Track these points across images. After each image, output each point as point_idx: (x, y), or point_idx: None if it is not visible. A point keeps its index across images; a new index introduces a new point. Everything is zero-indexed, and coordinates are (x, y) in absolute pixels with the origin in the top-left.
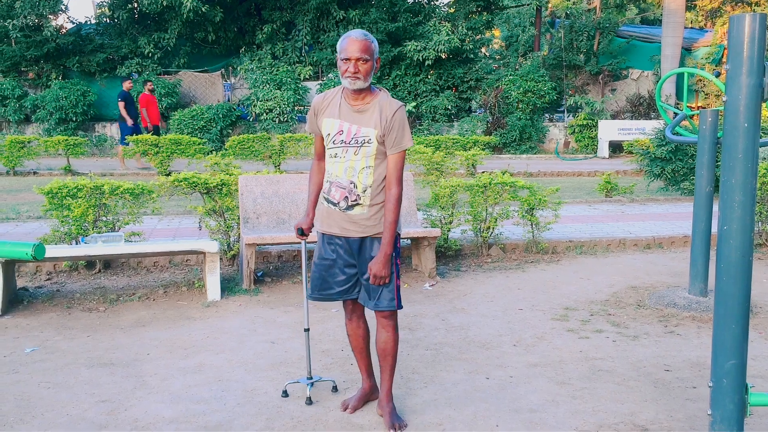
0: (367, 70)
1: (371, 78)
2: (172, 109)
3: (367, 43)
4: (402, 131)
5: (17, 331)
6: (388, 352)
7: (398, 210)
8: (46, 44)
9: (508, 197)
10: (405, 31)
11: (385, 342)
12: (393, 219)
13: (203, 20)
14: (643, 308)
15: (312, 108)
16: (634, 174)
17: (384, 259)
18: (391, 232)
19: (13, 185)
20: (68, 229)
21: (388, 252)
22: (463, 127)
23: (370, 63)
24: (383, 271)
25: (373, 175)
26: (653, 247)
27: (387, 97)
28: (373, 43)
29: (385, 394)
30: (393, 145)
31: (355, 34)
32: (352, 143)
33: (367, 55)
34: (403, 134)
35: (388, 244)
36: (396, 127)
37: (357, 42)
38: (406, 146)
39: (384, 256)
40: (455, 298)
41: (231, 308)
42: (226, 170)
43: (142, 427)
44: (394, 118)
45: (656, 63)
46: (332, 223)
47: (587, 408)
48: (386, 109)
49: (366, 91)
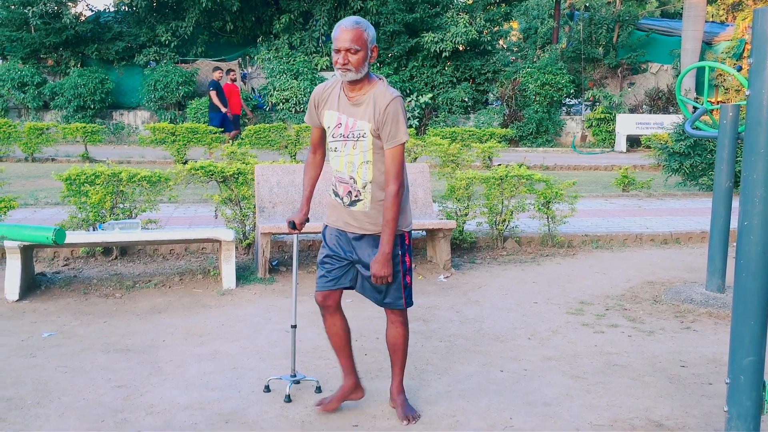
0: (358, 61)
1: (366, 68)
2: (189, 97)
3: (357, 31)
4: (396, 125)
5: (35, 316)
6: (398, 347)
7: (397, 207)
8: (65, 32)
9: (524, 190)
10: (422, 22)
11: (394, 337)
12: (391, 217)
13: (221, 9)
14: (659, 303)
15: (312, 99)
16: (651, 169)
17: (383, 259)
18: (390, 230)
19: (32, 171)
20: (86, 215)
21: (386, 251)
22: (479, 119)
23: (363, 53)
24: (383, 270)
25: (372, 170)
26: (670, 242)
27: (383, 87)
28: (366, 31)
29: (396, 387)
30: (388, 139)
31: (346, 22)
32: (350, 137)
33: (357, 45)
34: (397, 128)
35: (387, 242)
36: (389, 120)
37: (347, 31)
38: (402, 140)
39: (383, 255)
40: (470, 290)
41: (246, 297)
42: (243, 159)
43: (157, 413)
44: (387, 111)
45: (676, 57)
46: (338, 217)
47: (602, 402)
48: (380, 101)
49: (363, 82)
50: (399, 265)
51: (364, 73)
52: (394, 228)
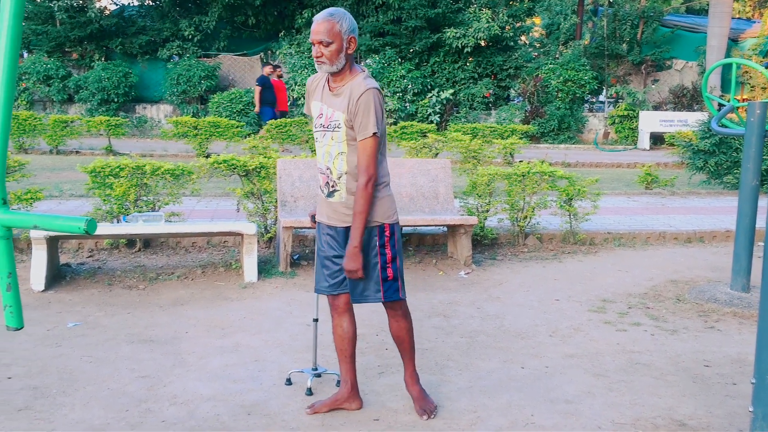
0: (332, 53)
1: (341, 60)
2: (211, 91)
3: (329, 23)
4: (366, 116)
5: (60, 306)
6: (401, 338)
7: (365, 200)
8: (89, 25)
9: (546, 187)
10: (444, 17)
11: (397, 330)
12: (359, 209)
13: (243, 4)
14: (682, 302)
15: (306, 90)
16: (675, 166)
17: (351, 252)
18: (359, 223)
19: (56, 164)
20: (110, 207)
21: (354, 244)
22: (500, 115)
23: (336, 45)
24: (351, 264)
25: (347, 161)
26: (694, 240)
27: (361, 79)
28: (339, 22)
29: (409, 377)
30: (359, 130)
31: (320, 15)
32: (329, 128)
33: (328, 38)
34: (367, 119)
35: (354, 236)
36: (361, 111)
37: (319, 24)
38: (370, 132)
39: (350, 248)
40: (491, 286)
41: (267, 290)
42: (264, 153)
43: (180, 403)
44: (358, 102)
45: (701, 54)
46: (321, 210)
47: (624, 401)
48: (354, 92)
49: (344, 73)
50: (377, 257)
51: (340, 65)
52: (363, 221)
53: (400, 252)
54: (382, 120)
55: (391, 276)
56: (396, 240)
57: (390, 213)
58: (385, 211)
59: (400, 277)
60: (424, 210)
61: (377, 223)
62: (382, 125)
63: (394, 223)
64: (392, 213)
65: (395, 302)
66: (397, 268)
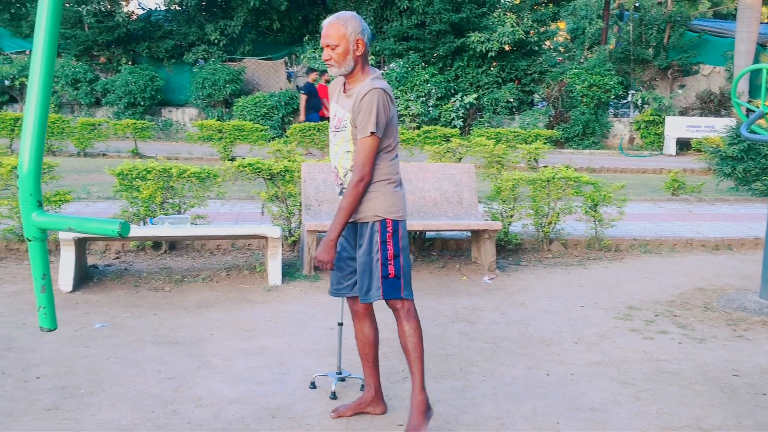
0: (339, 55)
1: (350, 62)
2: (236, 95)
3: (335, 26)
4: (368, 115)
5: (87, 307)
6: (406, 346)
7: (352, 198)
8: (117, 30)
9: (571, 192)
10: (469, 22)
11: (402, 336)
12: (344, 205)
13: (269, 8)
14: (710, 311)
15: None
16: (701, 173)
17: (326, 243)
18: (340, 218)
19: (84, 166)
20: (137, 209)
21: (330, 237)
22: (524, 120)
23: (343, 47)
24: (322, 254)
25: (352, 159)
26: (722, 248)
27: (370, 80)
28: (344, 25)
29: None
30: (359, 129)
31: (328, 18)
32: (339, 128)
33: (334, 41)
34: (368, 119)
35: (332, 229)
36: (363, 110)
37: (326, 27)
38: (369, 131)
39: (326, 240)
40: (515, 292)
41: (291, 293)
42: (288, 157)
43: (206, 405)
44: (362, 101)
45: (729, 59)
46: None
47: (651, 410)
48: (360, 92)
49: (356, 75)
50: (378, 252)
51: (349, 67)
52: (344, 217)
53: (405, 250)
54: (391, 121)
55: (393, 273)
56: (400, 237)
57: (394, 209)
58: (389, 207)
59: (402, 275)
60: (448, 215)
61: (379, 218)
62: (393, 126)
63: (398, 219)
64: (397, 209)
65: (397, 301)
66: (400, 266)
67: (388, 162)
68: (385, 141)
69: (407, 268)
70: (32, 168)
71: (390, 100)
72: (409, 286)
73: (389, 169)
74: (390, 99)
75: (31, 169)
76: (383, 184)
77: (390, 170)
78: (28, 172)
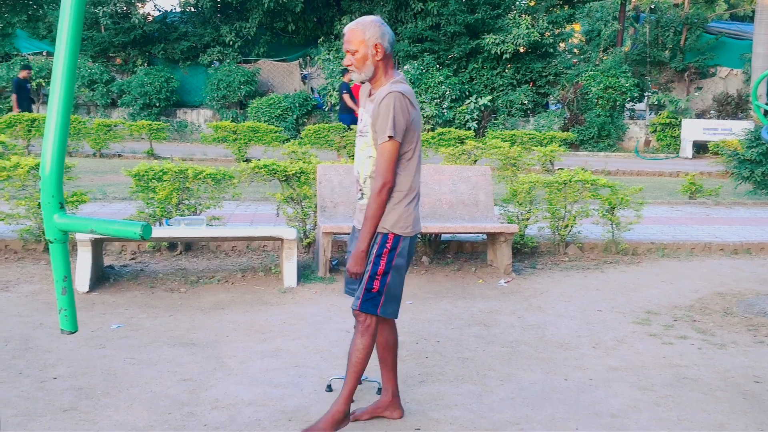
0: (359, 61)
1: (370, 67)
2: (251, 97)
3: (354, 31)
4: (386, 119)
5: (104, 308)
6: (350, 358)
7: (377, 205)
8: (133, 31)
9: (588, 195)
10: (483, 23)
11: (352, 347)
12: (370, 214)
13: (284, 10)
14: (730, 316)
15: None
16: (719, 176)
17: (356, 255)
18: (367, 228)
19: (99, 167)
20: (153, 210)
21: (361, 248)
22: (539, 122)
23: (362, 52)
24: (354, 266)
25: (372, 165)
26: (741, 252)
27: (389, 83)
28: (363, 30)
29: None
30: (379, 133)
31: (350, 23)
32: (362, 133)
33: (354, 46)
34: (386, 122)
35: (362, 240)
36: (381, 114)
37: (346, 33)
38: (387, 135)
39: (357, 251)
40: (531, 295)
41: (307, 295)
42: (303, 158)
43: (222, 407)
44: (381, 104)
45: (746, 61)
46: (356, 215)
47: (672, 416)
48: (379, 96)
49: (378, 80)
50: (370, 264)
51: (369, 72)
52: (372, 226)
53: (399, 269)
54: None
55: (376, 289)
56: (396, 255)
57: (400, 224)
58: (396, 221)
59: (386, 293)
60: (464, 217)
61: (383, 231)
62: (414, 131)
63: (401, 235)
64: (403, 225)
65: (364, 315)
66: (386, 284)
67: (405, 172)
68: (404, 146)
69: (394, 286)
70: (54, 170)
71: (411, 104)
72: (390, 303)
73: (405, 181)
74: (411, 103)
75: (54, 170)
76: (397, 197)
77: (405, 182)
78: (50, 173)
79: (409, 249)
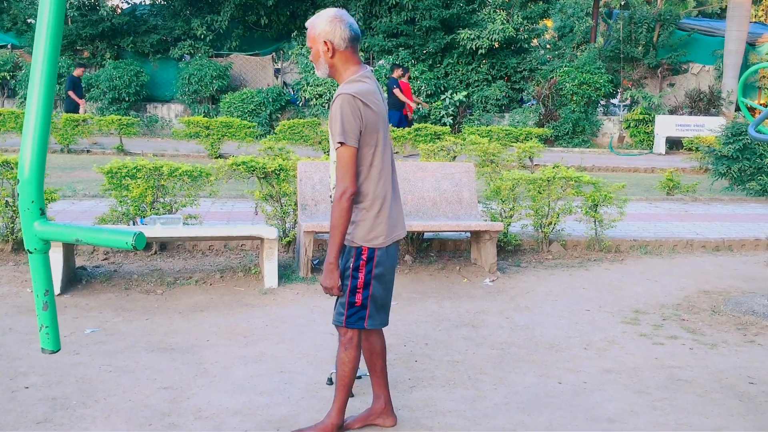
0: (314, 57)
1: (322, 64)
2: (223, 91)
3: (309, 27)
4: (335, 123)
5: (76, 311)
6: (336, 371)
7: (339, 214)
8: (101, 24)
9: (571, 192)
10: (459, 18)
11: (338, 360)
12: (333, 223)
13: (256, 3)
14: (718, 314)
15: None
16: (693, 172)
17: (326, 268)
18: (333, 239)
19: (68, 163)
20: (126, 209)
21: (329, 260)
22: (514, 118)
23: (315, 49)
24: (326, 281)
25: None
26: (722, 249)
27: (344, 83)
28: (314, 26)
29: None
30: (332, 138)
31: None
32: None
33: (309, 42)
34: (334, 128)
35: (330, 251)
36: (331, 118)
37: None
38: (337, 142)
39: (326, 264)
40: (517, 295)
41: (288, 296)
42: (281, 155)
43: (206, 417)
44: (332, 109)
45: (718, 57)
46: None
47: (669, 420)
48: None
49: (339, 77)
50: (348, 279)
51: (324, 69)
52: (337, 236)
53: (380, 277)
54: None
55: (359, 302)
56: (374, 266)
57: (371, 237)
58: (365, 234)
59: (371, 304)
60: (448, 215)
61: (355, 245)
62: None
63: (374, 247)
64: (374, 237)
65: (344, 329)
66: (368, 296)
67: (367, 181)
68: (362, 150)
69: (379, 296)
70: (34, 172)
71: (364, 104)
72: (377, 314)
73: (368, 188)
74: (364, 104)
75: (33, 173)
76: (360, 210)
77: (368, 190)
78: (30, 176)
79: (389, 255)
